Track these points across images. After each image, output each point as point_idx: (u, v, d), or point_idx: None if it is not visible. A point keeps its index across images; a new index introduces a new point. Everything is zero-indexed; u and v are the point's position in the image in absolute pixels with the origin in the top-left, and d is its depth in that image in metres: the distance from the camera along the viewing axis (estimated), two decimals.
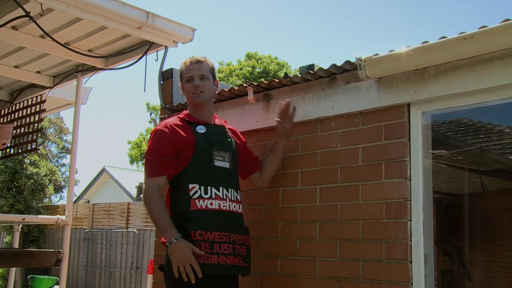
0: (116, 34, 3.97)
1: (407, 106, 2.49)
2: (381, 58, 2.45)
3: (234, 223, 2.58)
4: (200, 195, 2.49)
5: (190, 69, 2.68)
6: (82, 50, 4.19)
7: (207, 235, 2.44)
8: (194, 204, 2.48)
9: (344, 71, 2.72)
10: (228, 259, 2.47)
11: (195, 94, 2.66)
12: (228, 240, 2.51)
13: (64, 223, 4.55)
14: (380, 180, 2.51)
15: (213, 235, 2.46)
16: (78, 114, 4.75)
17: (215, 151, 2.58)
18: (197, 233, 2.42)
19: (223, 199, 2.54)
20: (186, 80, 2.69)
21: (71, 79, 4.87)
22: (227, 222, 2.54)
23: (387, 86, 2.55)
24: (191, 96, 2.67)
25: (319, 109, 2.80)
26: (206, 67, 2.70)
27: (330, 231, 2.66)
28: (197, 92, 2.65)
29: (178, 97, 3.75)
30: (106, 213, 13.96)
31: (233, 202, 2.59)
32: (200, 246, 2.40)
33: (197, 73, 2.67)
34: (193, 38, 3.89)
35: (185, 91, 2.71)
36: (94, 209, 14.30)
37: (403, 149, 2.46)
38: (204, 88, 2.66)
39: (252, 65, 25.82)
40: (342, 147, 2.70)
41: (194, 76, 2.66)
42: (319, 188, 2.75)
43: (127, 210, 13.31)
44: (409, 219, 2.39)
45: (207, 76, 2.68)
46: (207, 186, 2.50)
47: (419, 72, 2.44)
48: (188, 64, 2.70)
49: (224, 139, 2.66)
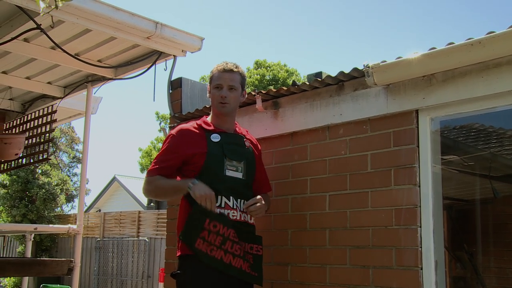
0: (125, 44, 4.02)
1: (416, 113, 2.49)
2: (388, 65, 2.46)
3: (243, 232, 2.55)
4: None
5: (221, 77, 2.64)
6: (92, 60, 4.24)
7: (223, 229, 2.44)
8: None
9: (352, 78, 2.72)
10: (235, 261, 2.45)
11: (220, 104, 2.63)
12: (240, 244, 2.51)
13: (75, 232, 4.59)
14: (389, 186, 2.51)
15: (229, 232, 2.45)
16: (89, 123, 4.81)
17: (228, 161, 2.56)
18: (212, 224, 2.42)
19: (233, 208, 2.53)
20: (215, 86, 2.66)
21: (81, 89, 4.93)
22: (237, 231, 2.52)
23: (395, 92, 2.55)
24: (216, 104, 2.65)
25: (328, 116, 2.81)
26: (237, 78, 2.66)
27: (340, 238, 2.65)
28: (223, 103, 2.63)
29: (187, 106, 3.77)
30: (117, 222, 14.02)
31: (243, 212, 2.57)
32: (207, 236, 2.40)
33: (227, 83, 2.63)
34: (201, 47, 3.92)
35: (211, 96, 2.69)
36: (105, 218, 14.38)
37: (412, 155, 2.46)
38: (230, 100, 2.63)
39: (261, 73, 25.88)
40: (351, 154, 2.70)
41: (224, 85, 2.63)
42: (328, 196, 2.75)
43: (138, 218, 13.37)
44: (419, 225, 2.39)
45: (236, 87, 2.65)
46: (217, 195, 2.49)
47: (427, 78, 2.44)
48: (221, 71, 2.65)
49: (239, 149, 2.64)
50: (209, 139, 2.59)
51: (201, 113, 3.30)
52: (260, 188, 2.75)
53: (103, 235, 14.09)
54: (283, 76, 25.88)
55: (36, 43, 4.04)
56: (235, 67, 2.67)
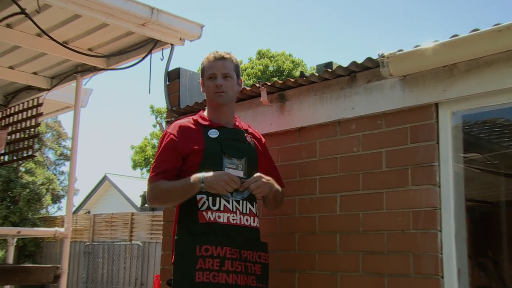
0: (118, 31, 4.02)
1: (435, 106, 2.49)
2: (405, 54, 2.45)
3: (246, 238, 2.53)
4: (208, 207, 2.47)
5: (213, 66, 2.65)
6: (81, 49, 4.24)
7: (217, 250, 2.42)
8: (202, 217, 2.47)
9: (365, 69, 2.72)
10: (239, 278, 2.44)
11: (216, 94, 2.63)
12: (239, 257, 2.48)
13: (63, 235, 4.61)
14: (406, 187, 2.50)
15: (224, 250, 2.43)
16: (78, 117, 4.81)
17: (227, 158, 2.55)
18: (203, 248, 2.40)
19: (232, 211, 2.51)
20: (208, 77, 2.66)
21: (70, 81, 4.93)
22: (237, 237, 2.50)
23: (413, 84, 2.54)
24: (212, 95, 2.65)
25: (339, 110, 2.81)
26: (230, 65, 2.67)
27: (352, 243, 2.66)
28: (219, 92, 2.62)
29: (185, 99, 3.78)
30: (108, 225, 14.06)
31: (245, 215, 2.55)
32: (204, 263, 2.38)
33: (220, 71, 2.64)
34: (201, 35, 3.91)
35: (205, 89, 2.69)
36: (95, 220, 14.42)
37: (431, 152, 2.46)
38: (227, 88, 2.63)
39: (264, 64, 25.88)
40: (364, 151, 2.70)
41: (217, 74, 2.63)
42: (339, 196, 2.75)
43: (130, 221, 13.41)
44: (439, 229, 2.39)
45: (231, 74, 2.66)
46: (215, 196, 2.48)
47: (448, 68, 2.44)
48: (212, 60, 2.66)
49: (240, 145, 2.63)
50: (207, 135, 2.59)
51: (200, 107, 3.30)
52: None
53: (93, 239, 14.14)
54: (289, 67, 25.88)
55: (20, 29, 4.04)
56: (226, 54, 2.69)
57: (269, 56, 26.69)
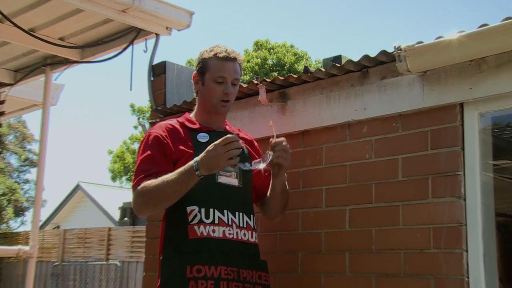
0: (95, 18, 4.03)
1: (460, 106, 2.50)
2: (426, 47, 2.46)
3: (244, 256, 2.54)
4: (200, 220, 2.47)
5: (225, 68, 2.61)
6: (51, 38, 4.24)
7: (210, 270, 2.41)
8: (193, 232, 2.46)
9: (379, 63, 2.73)
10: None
11: (222, 103, 2.62)
12: (237, 278, 2.47)
13: (27, 255, 4.58)
14: (426, 199, 2.51)
15: (219, 270, 2.43)
16: (47, 117, 4.81)
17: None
18: (194, 269, 2.39)
19: (228, 225, 2.52)
20: (215, 79, 2.61)
21: (38, 75, 4.93)
22: (235, 254, 2.51)
23: (434, 81, 2.55)
24: (216, 102, 2.62)
25: (348, 111, 2.81)
26: (239, 68, 2.67)
27: (363, 263, 2.65)
28: (225, 101, 2.62)
29: (172, 97, 3.78)
30: (80, 241, 14.03)
31: (242, 229, 2.56)
32: (196, 286, 2.36)
33: (232, 76, 2.63)
34: (190, 24, 3.92)
35: (206, 90, 2.65)
36: (65, 236, 14.38)
37: (455, 160, 2.46)
38: (232, 97, 2.66)
39: (262, 56, 25.94)
40: (377, 158, 2.70)
41: (228, 79, 2.62)
42: (348, 210, 2.75)
43: (107, 237, 13.38)
44: (464, 249, 2.39)
45: (239, 79, 2.68)
46: (208, 208, 2.49)
47: (475, 63, 2.44)
48: (222, 59, 2.62)
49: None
50: (195, 139, 2.60)
51: (190, 107, 3.30)
52: (264, 195, 2.75)
53: (63, 258, 14.10)
54: (290, 60, 25.96)
55: None
56: (237, 54, 2.67)
57: (267, 47, 26.75)
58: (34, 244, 4.63)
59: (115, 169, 27.39)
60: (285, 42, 26.93)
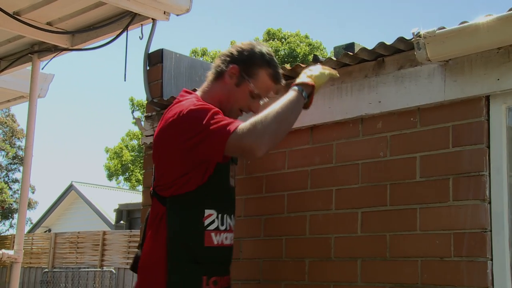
0: (86, 1, 4.04)
1: (486, 100, 2.48)
2: (448, 33, 2.43)
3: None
4: (217, 227, 2.51)
5: (270, 89, 2.66)
6: (38, 23, 4.26)
7: (221, 281, 2.51)
8: (209, 239, 2.48)
9: (396, 52, 2.71)
10: None
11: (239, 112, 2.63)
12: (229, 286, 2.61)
13: (12, 260, 4.59)
14: (447, 202, 2.49)
15: (226, 280, 2.56)
16: (34, 110, 4.82)
17: (232, 165, 2.64)
18: (211, 280, 2.46)
19: (232, 230, 2.63)
20: (253, 93, 2.60)
21: (24, 63, 4.95)
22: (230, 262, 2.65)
23: (457, 72, 2.53)
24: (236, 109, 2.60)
25: (362, 104, 2.80)
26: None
27: (376, 272, 2.65)
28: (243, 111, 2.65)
29: (170, 88, 3.77)
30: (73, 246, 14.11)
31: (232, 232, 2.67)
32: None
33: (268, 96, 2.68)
34: (190, 8, 3.92)
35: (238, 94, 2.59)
36: (56, 240, 14.47)
37: (479, 159, 2.44)
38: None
39: (275, 47, 26.02)
40: (392, 156, 2.69)
41: (265, 97, 2.66)
42: (360, 213, 2.74)
43: (102, 241, 13.45)
44: (489, 257, 2.37)
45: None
46: (224, 214, 2.55)
47: (504, 51, 2.42)
48: (274, 80, 2.64)
49: None
50: None
51: None
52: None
53: (53, 264, 14.17)
54: (304, 50, 26.04)
55: None
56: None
57: (280, 37, 26.83)
58: (20, 248, 4.63)
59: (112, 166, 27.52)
60: (299, 31, 27.01)
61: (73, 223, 22.62)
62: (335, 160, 2.89)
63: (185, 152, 2.39)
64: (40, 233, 18.04)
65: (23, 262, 4.73)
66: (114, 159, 28.34)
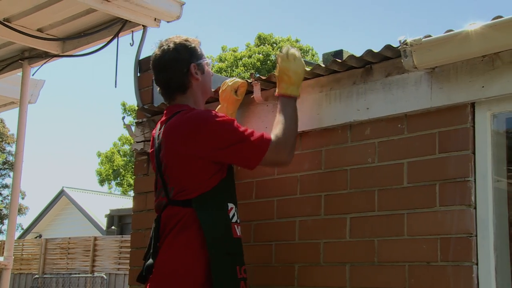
0: (76, 8, 4.03)
1: (471, 106, 2.49)
2: (434, 41, 2.45)
3: None
4: (236, 220, 2.68)
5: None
6: (29, 29, 4.25)
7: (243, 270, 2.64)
8: (235, 231, 2.64)
9: (384, 59, 2.73)
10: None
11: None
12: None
13: (2, 266, 4.57)
14: (433, 207, 2.50)
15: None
16: (25, 116, 4.81)
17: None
18: (242, 269, 2.60)
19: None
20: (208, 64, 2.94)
21: (15, 69, 4.94)
22: None
23: (443, 79, 2.55)
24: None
25: (350, 111, 2.81)
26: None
27: (364, 277, 2.65)
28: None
29: (160, 94, 3.77)
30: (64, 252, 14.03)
31: None
32: (245, 286, 2.59)
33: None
34: (181, 15, 3.93)
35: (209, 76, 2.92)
36: (47, 246, 14.39)
37: (465, 165, 2.46)
38: None
39: (265, 52, 25.98)
40: (380, 162, 2.70)
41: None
42: (349, 218, 2.75)
43: (93, 247, 13.39)
44: (474, 262, 2.38)
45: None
46: (237, 207, 2.71)
47: (488, 59, 2.44)
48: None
49: None
50: None
51: None
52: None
53: (44, 270, 14.10)
54: None
55: None
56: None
57: (271, 42, 26.80)
58: (10, 254, 4.62)
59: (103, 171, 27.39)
60: (290, 37, 26.99)
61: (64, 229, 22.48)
62: (324, 166, 2.90)
63: (220, 157, 2.60)
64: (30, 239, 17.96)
65: (13, 268, 4.72)
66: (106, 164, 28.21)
